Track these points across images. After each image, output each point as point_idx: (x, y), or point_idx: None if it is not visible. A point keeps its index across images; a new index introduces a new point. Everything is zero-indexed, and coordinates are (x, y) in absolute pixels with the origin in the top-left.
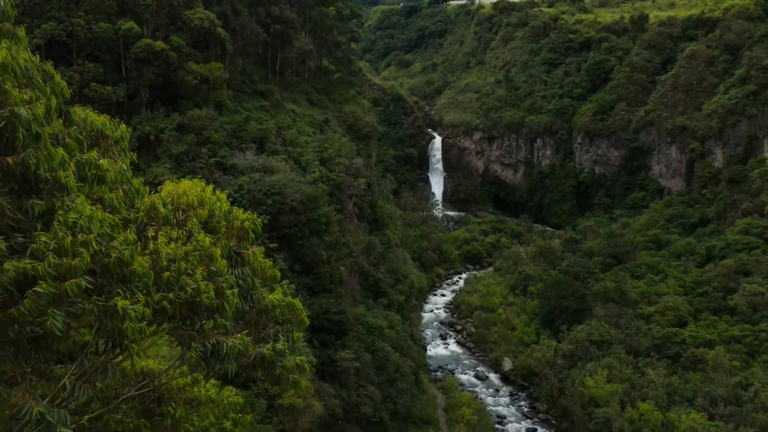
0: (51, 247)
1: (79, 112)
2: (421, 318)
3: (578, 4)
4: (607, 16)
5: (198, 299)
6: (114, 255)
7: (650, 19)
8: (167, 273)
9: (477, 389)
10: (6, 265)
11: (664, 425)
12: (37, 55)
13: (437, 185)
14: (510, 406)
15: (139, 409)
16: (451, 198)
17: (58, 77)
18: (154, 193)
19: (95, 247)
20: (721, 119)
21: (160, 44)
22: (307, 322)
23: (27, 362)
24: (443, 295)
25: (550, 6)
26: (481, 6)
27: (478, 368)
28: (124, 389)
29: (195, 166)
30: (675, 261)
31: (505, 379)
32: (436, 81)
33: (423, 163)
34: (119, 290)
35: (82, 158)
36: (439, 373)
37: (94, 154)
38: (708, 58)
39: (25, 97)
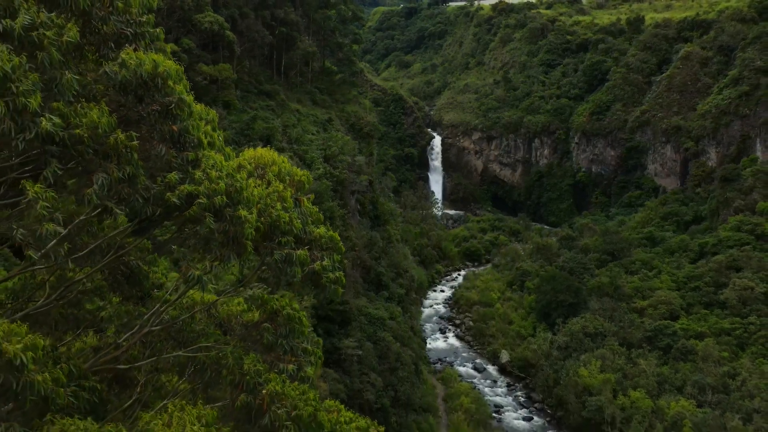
0: (203, 179)
1: None
2: (421, 312)
3: (576, 5)
4: (604, 17)
5: (278, 222)
6: (237, 185)
7: (646, 20)
8: (259, 205)
9: (475, 380)
10: (180, 188)
11: (654, 412)
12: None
13: (437, 184)
14: (507, 396)
15: (212, 326)
16: (450, 197)
17: (184, 78)
18: (239, 156)
19: (225, 180)
20: (715, 119)
21: (171, 46)
22: (343, 249)
23: (120, 292)
24: (443, 291)
25: (548, 8)
26: (480, 7)
27: (477, 360)
28: (195, 316)
29: None
30: (668, 257)
31: (502, 370)
32: (436, 81)
33: (423, 163)
34: (239, 208)
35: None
36: (438, 365)
37: (208, 128)
38: (702, 59)
39: (182, 89)
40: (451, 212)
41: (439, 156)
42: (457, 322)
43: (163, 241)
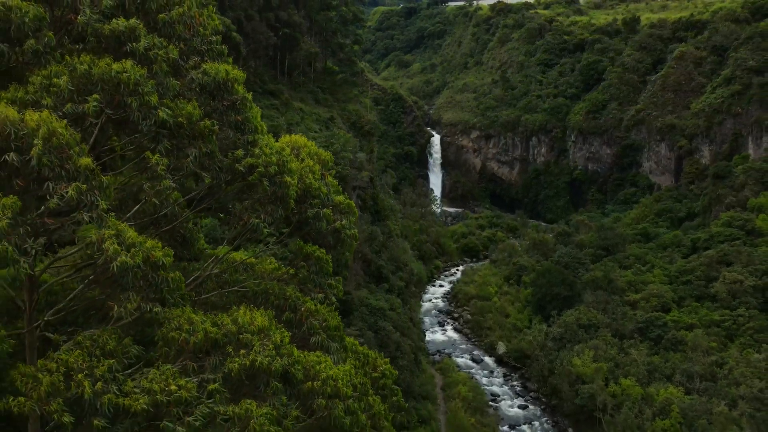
0: (260, 154)
1: None
2: (420, 306)
3: (573, 6)
4: (601, 18)
5: (310, 188)
6: (284, 159)
7: (642, 21)
8: (296, 175)
9: (473, 371)
10: (244, 161)
11: (644, 399)
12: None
13: (436, 182)
14: (503, 386)
15: (251, 278)
16: (449, 194)
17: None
18: (279, 140)
19: (276, 156)
20: (708, 118)
21: None
22: (357, 213)
23: (175, 253)
24: (441, 286)
25: (545, 8)
26: (479, 8)
27: (474, 352)
28: (237, 269)
29: None
30: (662, 252)
31: (499, 361)
32: (435, 81)
33: (422, 161)
34: (285, 176)
35: None
36: (437, 356)
37: (258, 117)
38: (696, 59)
39: (243, 89)
40: (450, 209)
41: (439, 154)
42: (456, 315)
43: (225, 201)
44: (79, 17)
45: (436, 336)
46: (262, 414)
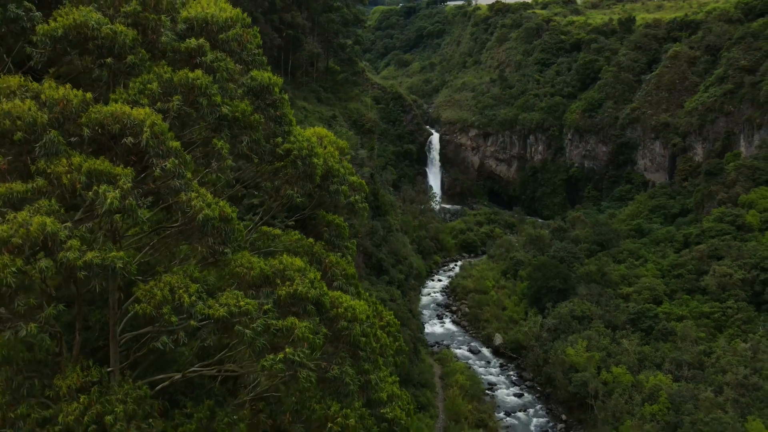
0: (294, 141)
1: None
2: (419, 300)
3: (570, 6)
4: (598, 18)
5: (332, 169)
6: (312, 145)
7: (637, 21)
8: (322, 157)
9: (470, 361)
10: (282, 146)
11: (634, 386)
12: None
13: (435, 179)
14: (500, 375)
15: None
16: (448, 192)
17: (275, 85)
18: (306, 131)
19: (306, 142)
20: (701, 116)
21: None
22: (368, 190)
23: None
24: (440, 280)
25: (543, 8)
26: (478, 7)
27: (472, 343)
28: (267, 239)
29: None
30: (654, 247)
31: (495, 352)
32: (434, 80)
33: (421, 159)
34: (313, 158)
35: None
36: (436, 348)
37: (291, 113)
38: (690, 59)
39: (278, 91)
40: (449, 206)
41: (437, 152)
42: (454, 308)
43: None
44: (162, 38)
45: (435, 328)
46: (304, 326)
